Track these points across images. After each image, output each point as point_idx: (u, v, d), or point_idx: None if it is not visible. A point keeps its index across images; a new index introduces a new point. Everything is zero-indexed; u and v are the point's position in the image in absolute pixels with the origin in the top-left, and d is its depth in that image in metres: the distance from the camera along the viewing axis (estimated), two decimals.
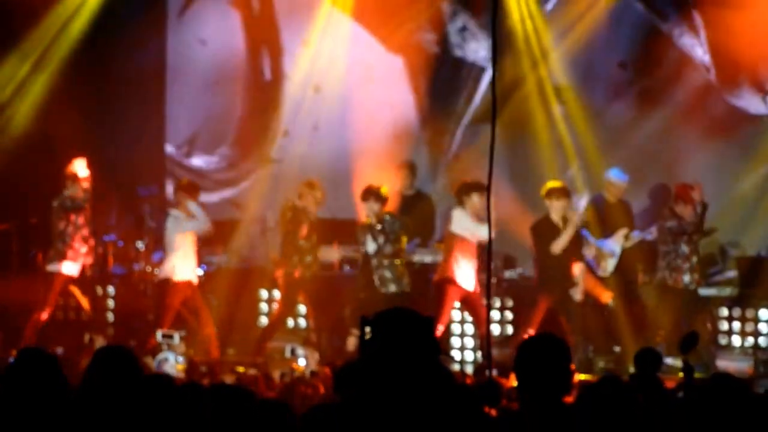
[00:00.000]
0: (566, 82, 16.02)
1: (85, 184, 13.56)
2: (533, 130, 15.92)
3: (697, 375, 7.86)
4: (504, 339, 14.16)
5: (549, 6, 16.20)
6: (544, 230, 13.24)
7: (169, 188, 16.74)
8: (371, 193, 13.24)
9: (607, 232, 13.95)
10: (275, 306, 14.43)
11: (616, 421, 5.16)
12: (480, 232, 12.85)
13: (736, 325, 13.73)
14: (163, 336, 12.54)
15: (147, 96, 16.85)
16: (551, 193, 13.28)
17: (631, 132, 16.07)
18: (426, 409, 4.86)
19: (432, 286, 13.55)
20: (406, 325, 5.00)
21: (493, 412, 6.62)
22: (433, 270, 13.81)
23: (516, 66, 15.86)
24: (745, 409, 5.07)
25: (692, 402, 5.29)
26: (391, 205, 14.02)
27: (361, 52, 16.65)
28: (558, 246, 13.11)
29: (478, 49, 16.72)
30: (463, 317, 14.23)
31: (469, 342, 14.17)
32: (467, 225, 13.05)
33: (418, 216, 14.16)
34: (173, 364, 12.14)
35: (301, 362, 12.18)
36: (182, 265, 13.47)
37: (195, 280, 13.70)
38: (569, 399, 5.43)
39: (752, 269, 13.92)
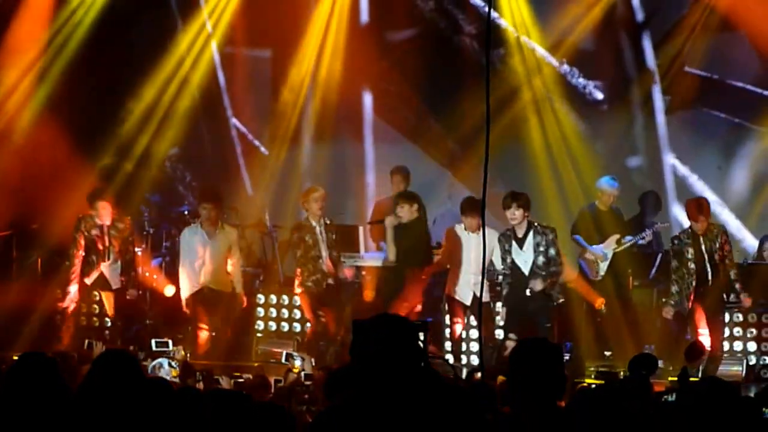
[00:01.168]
0: (560, 93, 16.18)
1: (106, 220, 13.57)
2: (528, 140, 16.07)
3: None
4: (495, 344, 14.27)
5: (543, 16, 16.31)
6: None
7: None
8: (514, 199, 12.69)
9: (600, 238, 14.06)
10: (272, 311, 14.53)
11: (609, 424, 5.19)
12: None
13: (725, 330, 13.80)
14: (157, 344, 12.55)
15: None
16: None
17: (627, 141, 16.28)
18: (418, 411, 4.95)
19: None
20: (395, 331, 5.09)
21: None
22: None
23: (511, 77, 15.99)
24: (734, 413, 5.15)
25: (683, 406, 5.36)
26: (384, 212, 14.10)
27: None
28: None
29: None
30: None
31: (464, 346, 14.22)
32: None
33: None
34: (168, 370, 12.13)
35: (298, 363, 12.21)
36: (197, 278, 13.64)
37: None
38: (562, 403, 5.45)
39: (740, 276, 14.00)
